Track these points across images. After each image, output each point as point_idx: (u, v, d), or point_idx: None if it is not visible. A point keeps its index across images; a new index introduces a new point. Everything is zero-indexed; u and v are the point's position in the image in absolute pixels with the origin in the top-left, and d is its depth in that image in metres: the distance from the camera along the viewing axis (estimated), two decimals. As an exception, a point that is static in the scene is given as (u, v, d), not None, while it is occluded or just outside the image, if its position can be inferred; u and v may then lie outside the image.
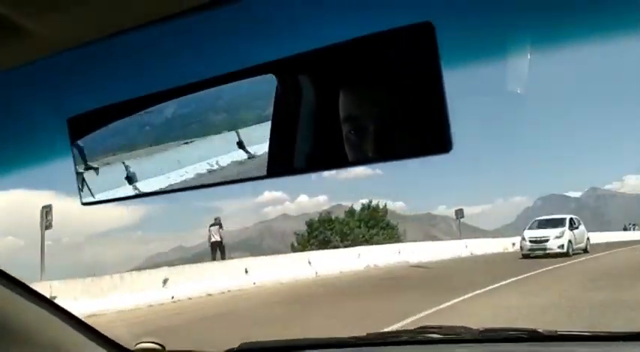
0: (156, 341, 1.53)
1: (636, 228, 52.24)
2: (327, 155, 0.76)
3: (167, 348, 1.55)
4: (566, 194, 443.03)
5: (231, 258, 16.86)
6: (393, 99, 0.67)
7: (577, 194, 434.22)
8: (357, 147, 0.71)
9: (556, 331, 1.48)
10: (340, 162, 0.73)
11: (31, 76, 0.89)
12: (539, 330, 1.49)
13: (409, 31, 0.65)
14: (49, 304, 1.26)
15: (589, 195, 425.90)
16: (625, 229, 51.95)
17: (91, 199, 0.95)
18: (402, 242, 26.40)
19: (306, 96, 0.76)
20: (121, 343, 1.46)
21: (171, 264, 15.86)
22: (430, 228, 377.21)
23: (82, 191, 0.95)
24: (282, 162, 0.80)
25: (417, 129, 0.66)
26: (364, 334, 1.70)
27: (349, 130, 0.71)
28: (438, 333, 1.62)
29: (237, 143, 0.82)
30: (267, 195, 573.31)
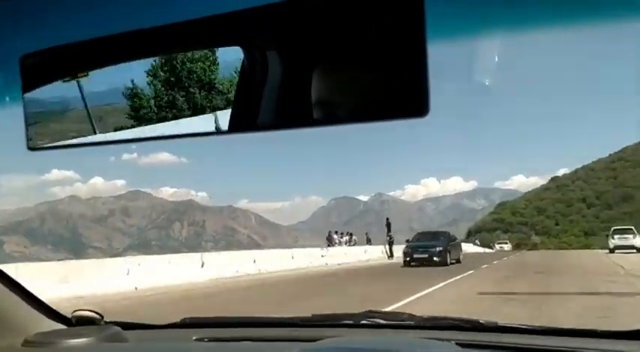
0: (94, 310, 1.51)
1: (353, 240, 33.59)
2: (293, 113, 0.74)
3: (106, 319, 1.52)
4: (357, 197, 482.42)
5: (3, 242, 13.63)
6: (374, 62, 0.68)
7: (365, 198, 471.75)
8: (331, 107, 0.71)
9: (496, 322, 1.56)
10: (308, 121, 0.72)
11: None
12: (481, 321, 1.56)
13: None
14: None
15: (375, 200, 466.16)
16: (328, 240, 31.25)
17: (38, 144, 0.87)
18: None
19: (274, 55, 0.74)
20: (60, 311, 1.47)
21: None
22: (230, 220, 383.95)
23: (29, 134, 0.87)
24: (247, 118, 0.77)
25: (396, 92, 0.67)
26: (309, 315, 1.71)
27: (327, 89, 0.71)
28: (383, 318, 1.64)
29: (202, 95, 0.81)
30: (56, 173, 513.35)
